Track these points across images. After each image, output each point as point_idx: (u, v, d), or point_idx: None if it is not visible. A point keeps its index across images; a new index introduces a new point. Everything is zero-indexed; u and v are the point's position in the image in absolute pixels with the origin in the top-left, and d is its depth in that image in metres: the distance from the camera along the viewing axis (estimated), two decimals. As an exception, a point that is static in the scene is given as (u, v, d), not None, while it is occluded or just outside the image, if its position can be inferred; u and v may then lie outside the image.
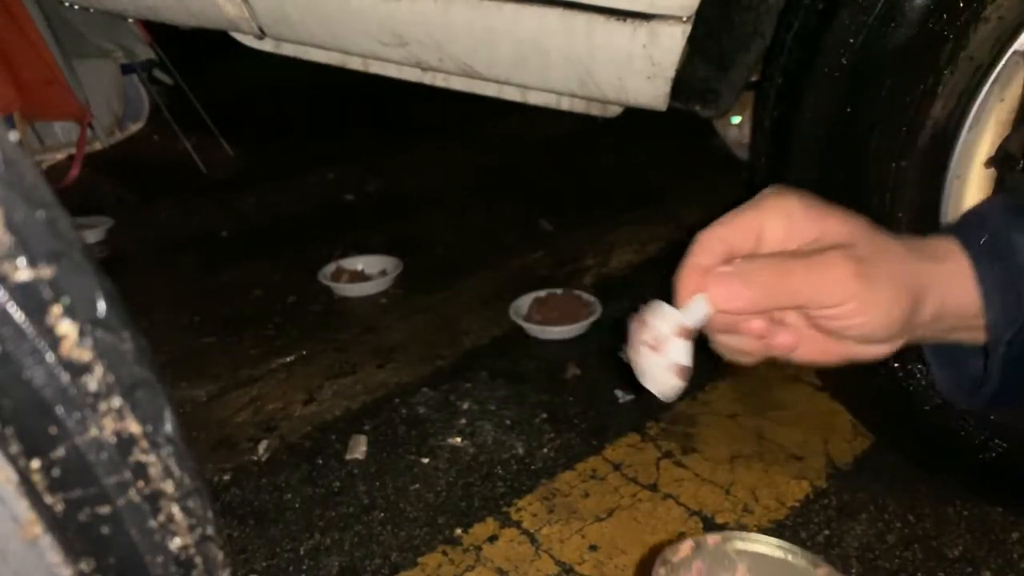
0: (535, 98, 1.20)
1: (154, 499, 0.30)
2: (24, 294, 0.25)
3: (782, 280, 0.42)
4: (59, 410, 0.26)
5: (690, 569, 0.45)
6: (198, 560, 0.32)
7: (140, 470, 0.29)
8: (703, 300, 0.42)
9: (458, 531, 1.00)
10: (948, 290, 0.44)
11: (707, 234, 0.44)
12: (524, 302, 1.49)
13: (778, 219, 0.43)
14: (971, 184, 0.88)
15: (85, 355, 0.26)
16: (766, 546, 0.46)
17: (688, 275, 0.44)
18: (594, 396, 1.26)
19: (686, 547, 0.45)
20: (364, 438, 1.17)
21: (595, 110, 1.18)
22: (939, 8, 0.80)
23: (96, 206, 2.12)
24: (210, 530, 0.32)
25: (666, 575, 0.45)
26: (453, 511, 1.03)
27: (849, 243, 0.42)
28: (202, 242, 1.96)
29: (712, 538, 0.46)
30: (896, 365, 0.95)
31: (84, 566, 0.29)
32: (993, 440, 0.94)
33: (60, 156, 2.36)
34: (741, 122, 1.65)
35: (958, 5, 0.79)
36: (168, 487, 0.30)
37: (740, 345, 0.46)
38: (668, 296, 0.44)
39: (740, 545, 0.46)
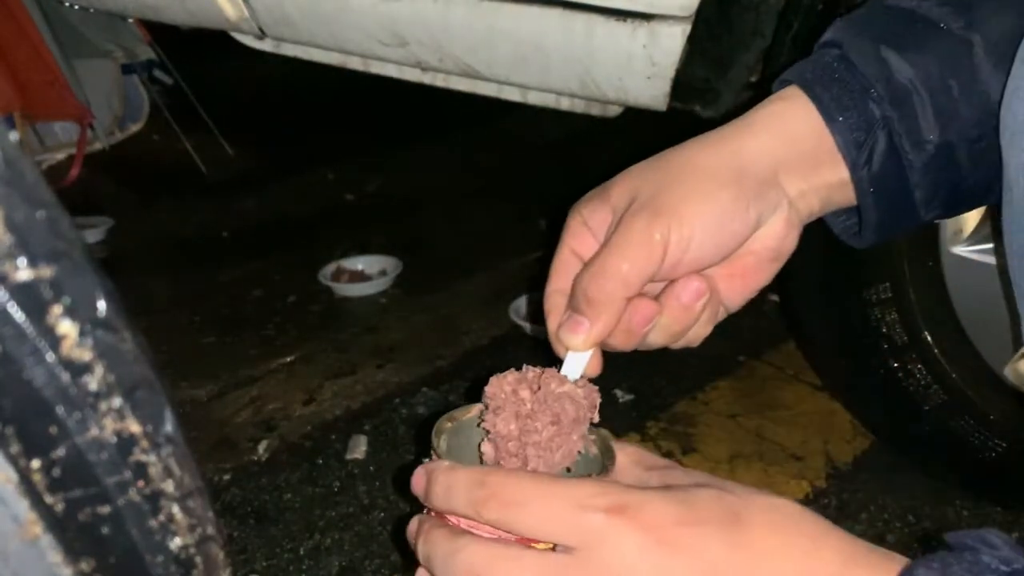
0: (535, 98, 1.20)
1: (154, 499, 0.30)
2: (24, 294, 0.25)
3: (603, 283, 0.43)
4: (59, 410, 0.26)
5: (471, 434, 0.47)
6: (198, 560, 0.32)
7: (140, 470, 0.29)
8: (575, 355, 0.46)
9: (458, 531, 1.00)
10: (794, 142, 0.46)
11: (560, 256, 0.49)
12: (524, 302, 1.49)
13: (583, 226, 0.49)
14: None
15: (85, 355, 0.26)
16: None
17: (554, 300, 0.49)
18: (594, 396, 1.26)
19: (474, 409, 0.47)
20: (364, 438, 1.17)
21: (595, 110, 1.18)
22: (939, 8, 0.80)
23: (96, 206, 2.11)
24: (210, 530, 0.32)
25: (452, 428, 0.47)
26: (453, 511, 1.03)
27: (632, 198, 0.46)
28: (202, 242, 1.96)
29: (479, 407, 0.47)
30: (896, 365, 0.95)
31: (84, 566, 0.29)
32: (993, 440, 0.94)
33: (60, 156, 2.36)
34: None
35: (958, 5, 0.79)
36: (168, 487, 0.30)
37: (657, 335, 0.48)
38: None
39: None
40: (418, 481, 0.42)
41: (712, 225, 0.44)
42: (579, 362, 0.46)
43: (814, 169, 0.46)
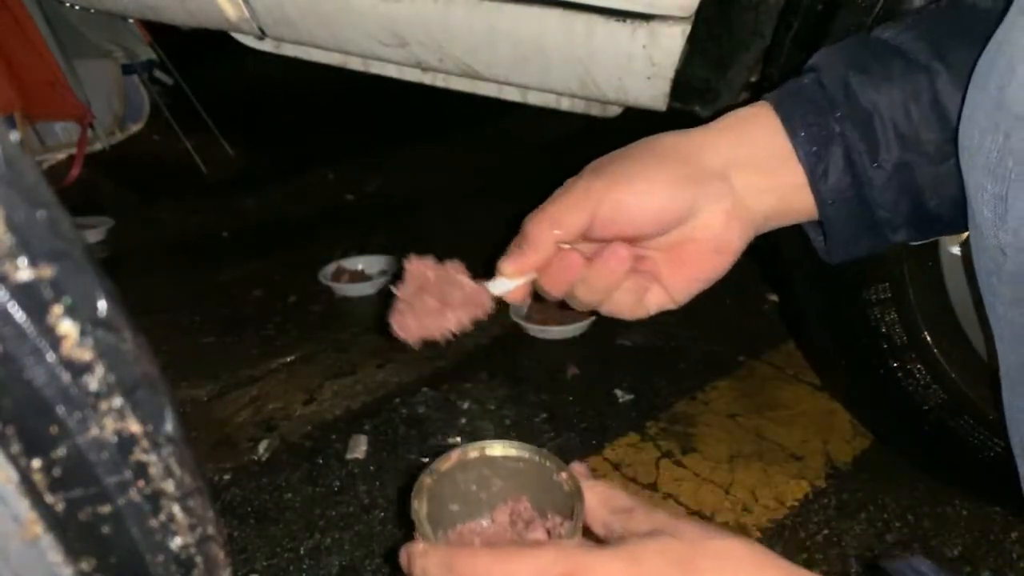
0: (535, 98, 1.20)
1: (155, 498, 0.30)
2: (25, 294, 0.25)
3: (541, 224, 0.50)
4: (60, 410, 0.26)
5: (455, 479, 0.51)
6: (199, 559, 0.32)
7: (141, 469, 0.29)
8: (503, 280, 0.53)
9: (458, 531, 1.00)
10: (753, 145, 0.50)
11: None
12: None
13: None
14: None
15: (86, 355, 0.26)
16: (519, 450, 0.53)
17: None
18: (594, 396, 1.26)
19: (454, 456, 0.52)
20: (364, 438, 1.18)
21: (595, 110, 1.18)
22: (938, 8, 0.80)
23: (96, 206, 2.12)
24: (211, 529, 0.32)
25: (432, 484, 0.50)
26: (453, 511, 1.03)
27: (593, 168, 0.51)
28: (202, 242, 1.96)
29: (474, 448, 0.52)
30: (896, 365, 0.95)
31: (85, 565, 0.29)
32: (993, 440, 0.95)
33: (61, 156, 2.36)
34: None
35: (957, 5, 0.79)
36: (169, 486, 0.30)
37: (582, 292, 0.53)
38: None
39: (500, 451, 0.52)
40: (403, 560, 0.47)
41: (644, 194, 0.48)
42: (504, 286, 0.53)
43: (772, 170, 0.50)
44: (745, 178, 0.49)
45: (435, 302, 0.53)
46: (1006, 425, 0.47)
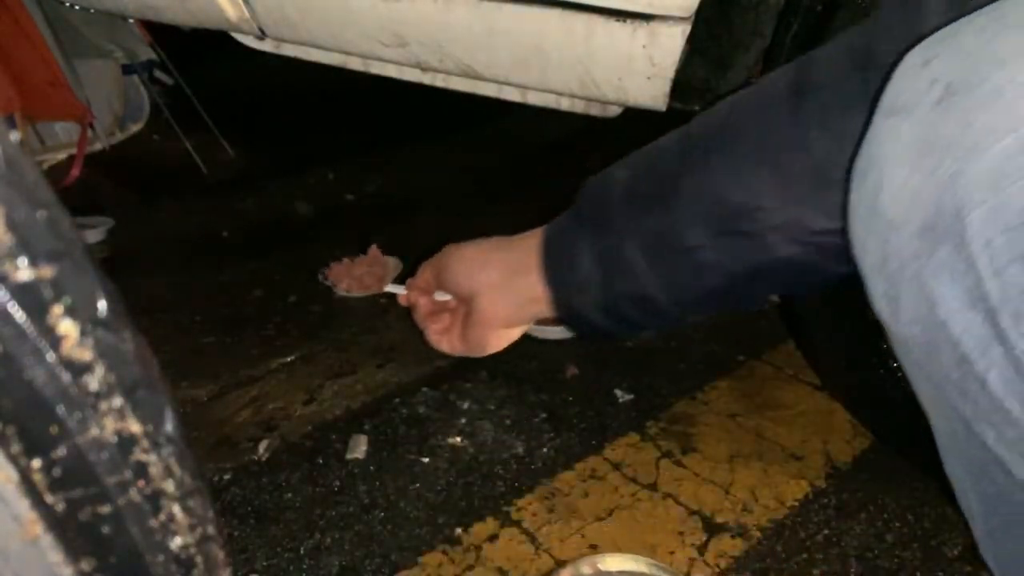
0: (535, 98, 1.20)
1: (155, 498, 0.30)
2: (25, 294, 0.25)
3: (422, 267, 0.73)
4: (60, 410, 0.26)
5: None
6: (199, 559, 0.32)
7: (141, 469, 0.29)
8: (400, 286, 0.78)
9: (458, 530, 1.00)
10: (524, 258, 0.64)
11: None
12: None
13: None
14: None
15: (86, 355, 0.26)
16: (635, 563, 0.51)
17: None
18: (593, 396, 1.26)
19: (566, 574, 0.50)
20: (364, 438, 1.18)
21: (595, 110, 1.18)
22: (938, 8, 0.80)
23: (96, 206, 2.12)
24: (211, 529, 0.32)
25: None
26: (453, 510, 1.03)
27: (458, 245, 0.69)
28: (202, 242, 1.96)
29: (586, 564, 0.51)
30: (896, 365, 0.95)
31: (85, 565, 0.29)
32: (992, 440, 0.94)
33: (61, 156, 2.36)
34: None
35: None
36: (169, 486, 0.30)
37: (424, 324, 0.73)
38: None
39: (615, 565, 0.51)
40: None
41: (450, 271, 0.68)
42: (395, 290, 0.80)
43: (532, 279, 0.63)
44: (515, 279, 0.64)
45: (350, 269, 0.85)
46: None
